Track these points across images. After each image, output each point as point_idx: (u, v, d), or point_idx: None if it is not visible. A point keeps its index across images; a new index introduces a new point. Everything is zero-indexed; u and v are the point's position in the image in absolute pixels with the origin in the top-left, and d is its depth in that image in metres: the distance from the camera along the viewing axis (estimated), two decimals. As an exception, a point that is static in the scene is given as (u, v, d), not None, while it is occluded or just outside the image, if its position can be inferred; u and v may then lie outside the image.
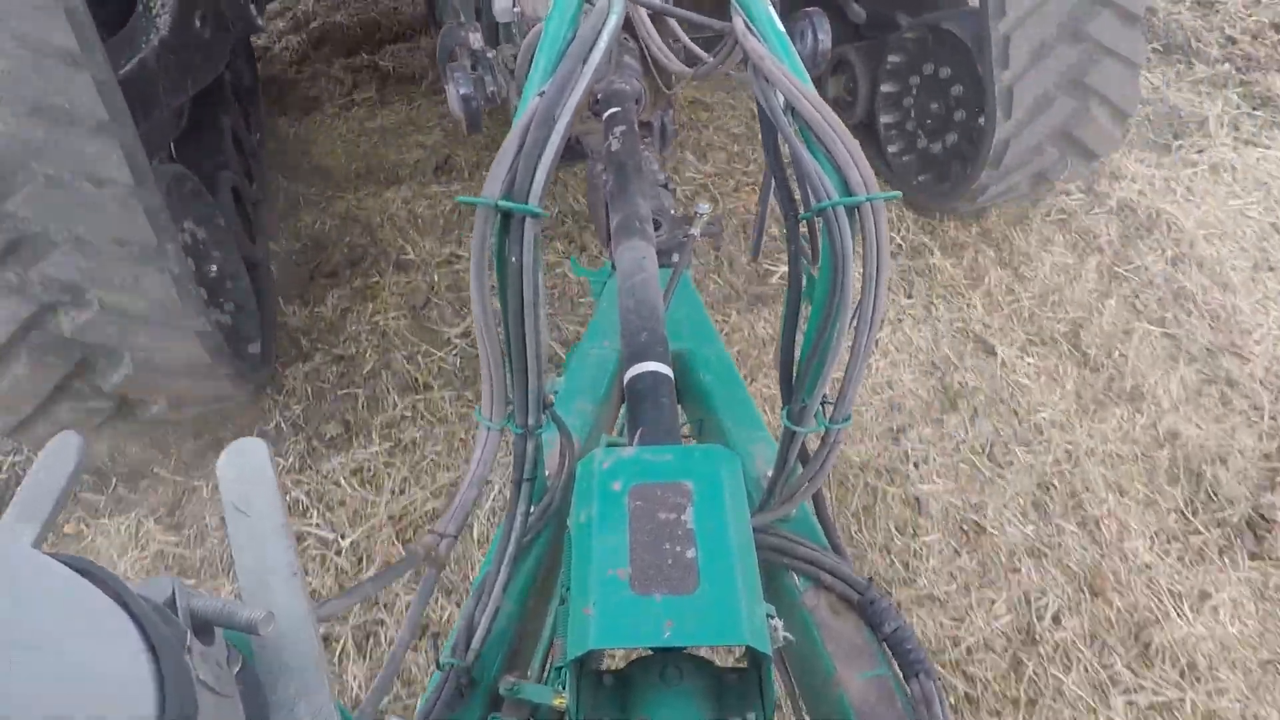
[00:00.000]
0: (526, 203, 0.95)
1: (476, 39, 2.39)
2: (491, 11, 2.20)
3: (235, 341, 3.11)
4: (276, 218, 4.14)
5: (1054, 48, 3.09)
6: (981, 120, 3.36)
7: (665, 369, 1.16)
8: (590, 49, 1.04)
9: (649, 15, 1.63)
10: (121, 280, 2.34)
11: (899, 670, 1.16)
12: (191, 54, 3.24)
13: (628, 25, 1.76)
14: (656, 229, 1.69)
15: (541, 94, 0.99)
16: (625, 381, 1.17)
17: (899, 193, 1.08)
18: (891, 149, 4.04)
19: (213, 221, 3.27)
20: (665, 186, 1.87)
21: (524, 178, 0.95)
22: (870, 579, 1.24)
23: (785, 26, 2.06)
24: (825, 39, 2.17)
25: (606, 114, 1.76)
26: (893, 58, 3.87)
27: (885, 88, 3.95)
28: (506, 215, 0.96)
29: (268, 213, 4.14)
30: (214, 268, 3.20)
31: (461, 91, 2.26)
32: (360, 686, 2.47)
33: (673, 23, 1.70)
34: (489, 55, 2.38)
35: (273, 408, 3.25)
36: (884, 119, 4.01)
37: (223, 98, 4.04)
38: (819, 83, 4.40)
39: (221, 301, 3.24)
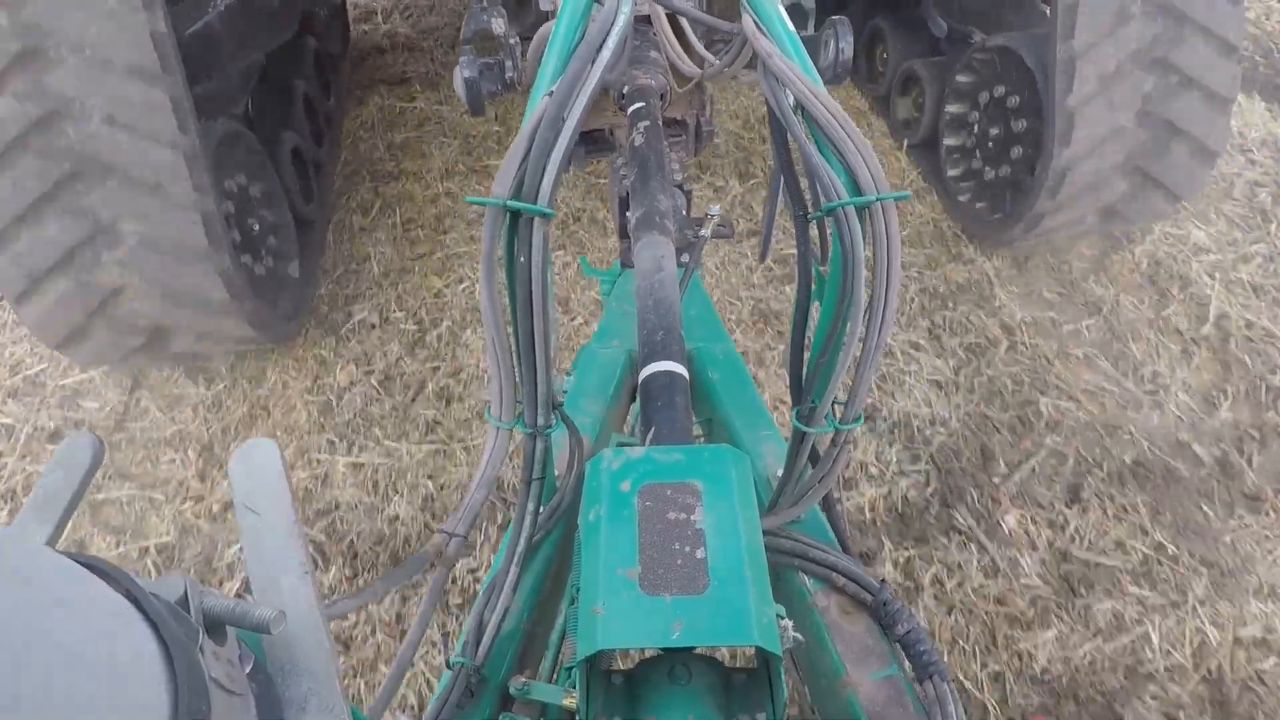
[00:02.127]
0: (535, 203, 0.95)
1: (500, 24, 2.42)
2: None
3: (268, 291, 3.29)
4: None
5: (1129, 74, 2.87)
6: (1040, 147, 3.14)
7: (681, 369, 1.16)
8: (599, 49, 1.04)
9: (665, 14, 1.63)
10: (156, 216, 2.60)
11: (913, 672, 1.16)
12: (259, 20, 3.48)
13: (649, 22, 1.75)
14: None
15: (550, 94, 0.99)
16: (640, 380, 1.16)
17: (908, 193, 1.07)
18: (951, 172, 3.88)
19: (265, 178, 3.45)
20: (681, 187, 1.87)
21: (533, 178, 0.95)
22: (883, 580, 1.23)
23: (811, 36, 2.06)
24: (848, 48, 2.17)
25: (631, 109, 1.76)
26: (961, 78, 3.73)
27: (951, 109, 3.81)
28: (516, 215, 0.96)
29: (333, 175, 4.31)
30: (256, 221, 3.34)
31: (465, 75, 2.31)
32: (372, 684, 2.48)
33: (684, 22, 1.70)
34: (511, 41, 2.39)
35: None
36: (947, 141, 3.87)
37: (301, 63, 4.25)
38: (886, 99, 4.36)
39: (261, 252, 3.37)
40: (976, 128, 3.71)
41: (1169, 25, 2.82)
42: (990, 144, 3.62)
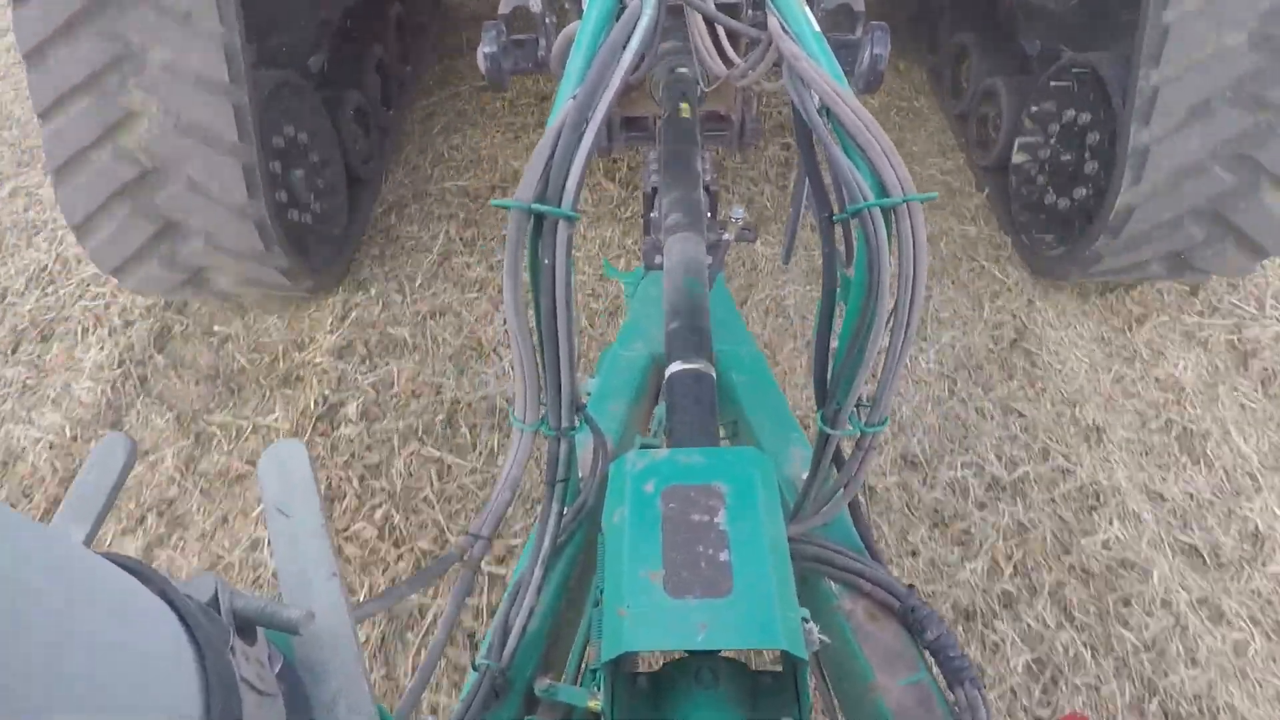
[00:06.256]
0: (560, 206, 0.95)
1: (537, 3, 2.44)
2: None
3: (307, 243, 3.39)
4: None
5: (1218, 109, 2.61)
6: (1109, 180, 2.87)
7: (708, 369, 1.15)
8: (621, 50, 1.04)
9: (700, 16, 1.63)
10: (202, 165, 2.76)
11: (943, 678, 1.14)
12: None
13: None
14: None
15: (574, 97, 1.00)
16: (666, 378, 1.15)
17: (935, 194, 1.06)
18: (1016, 204, 3.70)
19: (320, 132, 3.57)
20: (707, 189, 1.86)
21: (556, 181, 0.96)
22: (911, 586, 1.22)
23: (847, 41, 2.04)
24: (884, 54, 2.15)
25: (665, 104, 1.76)
26: (1038, 103, 3.52)
27: (1024, 134, 3.60)
28: (540, 218, 0.97)
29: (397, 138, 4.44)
30: (302, 172, 3.44)
31: (485, 50, 2.35)
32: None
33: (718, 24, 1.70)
34: (548, 20, 2.41)
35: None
36: (1016, 161, 3.66)
37: (381, 29, 4.44)
38: (965, 118, 4.20)
39: (307, 203, 3.48)
40: (1050, 147, 3.50)
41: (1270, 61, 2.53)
42: (1060, 171, 3.41)
